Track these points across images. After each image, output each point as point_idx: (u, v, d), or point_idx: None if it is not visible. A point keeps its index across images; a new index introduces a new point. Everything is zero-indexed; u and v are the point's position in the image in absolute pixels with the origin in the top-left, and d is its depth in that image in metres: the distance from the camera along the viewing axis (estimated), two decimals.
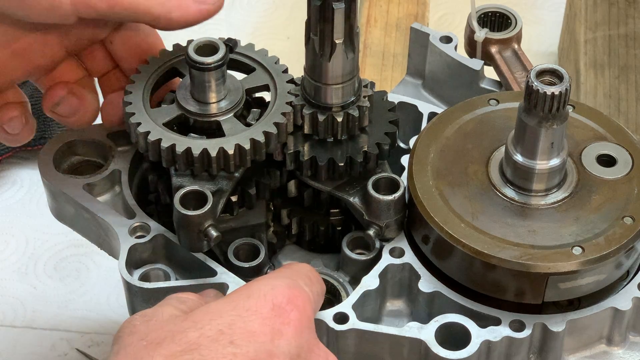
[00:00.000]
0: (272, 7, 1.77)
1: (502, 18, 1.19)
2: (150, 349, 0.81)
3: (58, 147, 1.10)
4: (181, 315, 0.85)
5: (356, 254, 1.02)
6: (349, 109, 1.02)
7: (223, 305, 0.84)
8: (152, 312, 0.86)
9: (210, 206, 0.97)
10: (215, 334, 0.81)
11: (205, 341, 0.81)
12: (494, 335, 0.95)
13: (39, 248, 1.44)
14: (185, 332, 0.82)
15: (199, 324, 0.82)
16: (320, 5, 0.95)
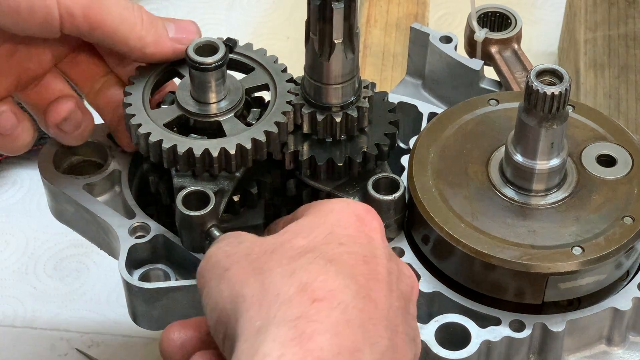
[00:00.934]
0: (272, 7, 1.77)
1: (502, 18, 1.19)
2: (264, 259, 0.82)
3: (58, 147, 1.10)
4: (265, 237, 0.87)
5: None
6: (348, 110, 1.02)
7: (311, 220, 0.87)
8: (233, 239, 0.88)
9: (213, 206, 0.97)
10: (323, 239, 0.83)
11: (317, 244, 0.83)
12: (494, 335, 0.95)
13: (39, 248, 1.44)
14: (291, 241, 0.84)
15: (302, 234, 0.84)
16: (319, 5, 0.95)
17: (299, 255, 0.82)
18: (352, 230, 0.85)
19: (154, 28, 1.01)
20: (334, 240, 0.84)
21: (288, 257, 0.82)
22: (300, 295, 0.78)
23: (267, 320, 0.77)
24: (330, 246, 0.83)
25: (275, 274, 0.81)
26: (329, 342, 0.76)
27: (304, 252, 0.82)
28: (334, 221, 0.86)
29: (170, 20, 1.03)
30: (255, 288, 0.80)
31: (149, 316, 1.03)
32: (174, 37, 1.02)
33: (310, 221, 0.86)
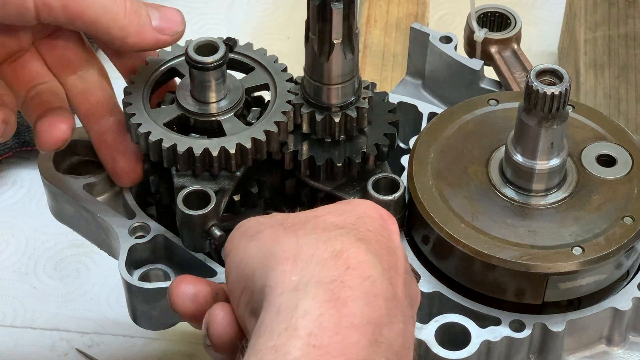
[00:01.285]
0: (272, 7, 1.77)
1: (502, 18, 1.19)
2: (298, 226, 0.84)
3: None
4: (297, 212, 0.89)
5: None
6: (348, 110, 1.02)
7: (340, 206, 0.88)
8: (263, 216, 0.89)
9: (214, 206, 0.97)
10: (353, 221, 0.85)
11: (348, 224, 0.84)
12: (494, 335, 0.95)
13: (39, 248, 1.44)
14: (324, 217, 0.85)
15: (334, 213, 0.86)
16: (319, 5, 0.95)
17: (333, 228, 0.83)
18: (377, 224, 0.86)
19: (137, 17, 0.99)
20: (363, 225, 0.85)
21: (321, 228, 0.83)
22: (335, 259, 0.80)
23: (305, 278, 0.78)
24: (360, 229, 0.84)
25: (310, 238, 0.82)
26: (361, 310, 0.77)
27: (336, 227, 0.84)
28: (361, 213, 0.87)
29: (155, 6, 1.01)
30: (288, 245, 0.82)
31: (149, 316, 1.03)
32: (157, 26, 1.00)
33: (339, 206, 0.88)
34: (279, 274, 0.80)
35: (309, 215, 0.86)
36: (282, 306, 0.77)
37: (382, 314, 0.79)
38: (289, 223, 0.85)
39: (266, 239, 0.84)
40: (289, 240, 0.82)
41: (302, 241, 0.82)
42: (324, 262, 0.80)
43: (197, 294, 0.89)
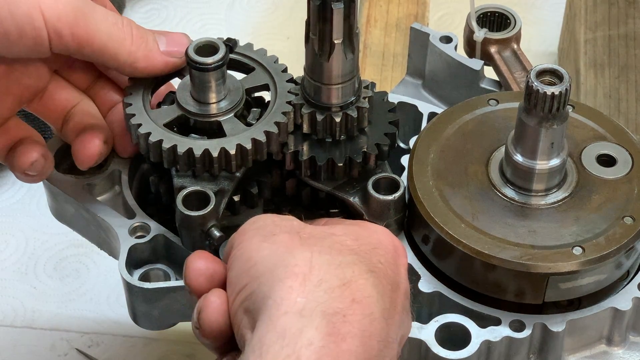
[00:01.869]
0: (272, 7, 1.77)
1: (502, 18, 1.19)
2: (314, 241, 0.86)
3: (58, 147, 1.10)
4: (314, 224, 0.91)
5: None
6: (348, 110, 1.02)
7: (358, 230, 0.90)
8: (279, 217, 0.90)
9: (213, 206, 0.97)
10: (367, 250, 0.87)
11: (362, 252, 0.86)
12: (494, 335, 0.95)
13: (39, 248, 1.44)
14: (340, 237, 0.87)
15: (351, 236, 0.88)
16: (319, 5, 0.95)
17: (347, 253, 0.85)
18: (389, 255, 0.89)
19: (144, 42, 1.01)
20: (376, 257, 0.87)
21: (337, 249, 0.85)
22: (342, 289, 0.82)
23: (311, 304, 0.80)
24: (373, 260, 0.86)
25: (323, 258, 0.84)
26: (356, 349, 0.80)
27: (351, 252, 0.86)
28: (376, 241, 0.89)
29: (161, 33, 1.03)
30: (300, 259, 0.83)
31: (149, 316, 1.03)
32: (165, 50, 1.02)
33: (358, 229, 0.90)
34: (286, 289, 0.81)
35: (326, 232, 0.87)
36: (286, 330, 0.79)
37: (373, 355, 0.81)
38: (305, 234, 0.86)
39: (280, 245, 0.85)
40: (302, 255, 0.84)
41: (316, 260, 0.83)
42: (332, 290, 0.82)
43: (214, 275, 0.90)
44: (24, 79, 1.02)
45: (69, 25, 0.96)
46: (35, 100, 1.05)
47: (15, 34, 0.94)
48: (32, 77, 1.03)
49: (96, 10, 0.98)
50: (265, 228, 0.88)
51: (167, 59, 1.02)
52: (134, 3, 1.76)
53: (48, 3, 0.94)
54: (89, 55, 0.99)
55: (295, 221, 0.89)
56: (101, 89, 1.07)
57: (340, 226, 0.90)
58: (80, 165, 1.05)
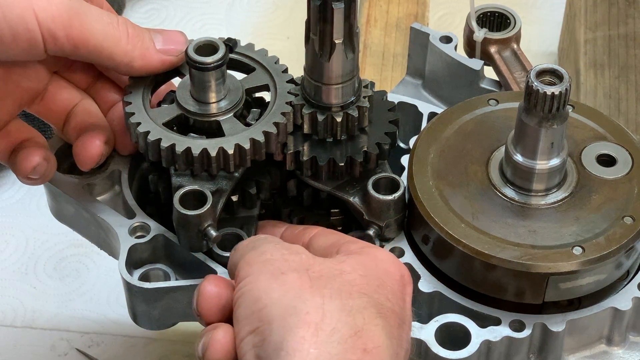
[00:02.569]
0: (272, 7, 1.77)
1: (501, 18, 1.19)
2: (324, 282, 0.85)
3: (58, 147, 1.10)
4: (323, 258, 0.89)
5: None
6: (349, 109, 1.02)
7: (365, 260, 0.89)
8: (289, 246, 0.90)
9: (210, 206, 0.97)
10: (375, 287, 0.87)
11: (370, 290, 0.86)
12: (494, 335, 0.95)
13: (39, 248, 1.44)
14: (350, 274, 0.87)
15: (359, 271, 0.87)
16: (319, 5, 0.95)
17: (357, 295, 0.85)
18: (396, 287, 0.89)
19: (140, 41, 1.00)
20: (383, 293, 0.87)
21: (347, 291, 0.85)
22: (355, 340, 0.82)
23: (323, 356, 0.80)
24: (381, 297, 0.86)
25: (334, 305, 0.83)
26: None
27: (361, 293, 0.85)
28: (384, 271, 0.89)
29: (158, 31, 1.03)
30: (312, 307, 0.83)
31: (149, 316, 1.03)
32: (161, 48, 1.02)
33: (365, 261, 0.89)
34: (298, 339, 0.81)
35: (335, 270, 0.87)
36: None
37: None
38: (315, 273, 0.86)
39: (290, 287, 0.84)
40: (314, 301, 0.83)
41: (327, 307, 0.83)
42: (344, 341, 0.81)
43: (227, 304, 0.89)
44: (22, 81, 1.02)
45: (64, 26, 0.95)
46: (35, 101, 1.05)
47: (9, 36, 0.94)
48: (31, 79, 1.03)
49: (91, 10, 0.97)
50: (274, 263, 0.87)
51: (163, 57, 1.02)
52: (133, 3, 1.76)
53: (41, 5, 0.94)
54: (85, 55, 0.99)
55: (303, 254, 0.88)
56: (101, 88, 1.07)
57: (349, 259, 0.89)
58: (81, 166, 1.05)
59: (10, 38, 0.94)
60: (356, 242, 0.93)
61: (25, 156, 1.03)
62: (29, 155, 1.03)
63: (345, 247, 0.92)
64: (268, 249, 0.89)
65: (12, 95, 1.02)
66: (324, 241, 0.95)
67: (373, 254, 0.90)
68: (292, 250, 0.89)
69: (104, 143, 1.04)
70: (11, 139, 1.04)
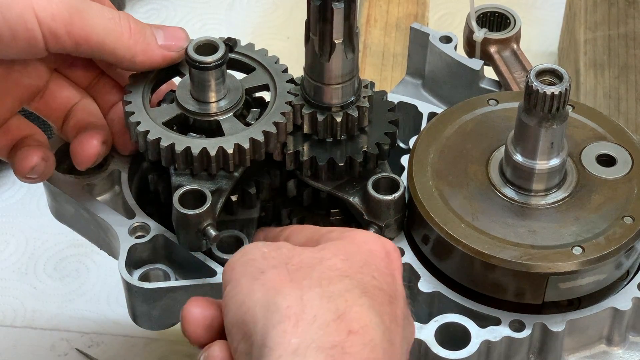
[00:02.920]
0: (272, 7, 1.77)
1: (501, 18, 1.19)
2: (303, 273, 0.84)
3: (58, 147, 1.10)
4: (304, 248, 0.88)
5: None
6: (349, 109, 1.02)
7: (347, 244, 0.88)
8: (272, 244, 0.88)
9: (209, 205, 0.97)
10: (358, 268, 0.85)
11: (353, 272, 0.85)
12: (493, 335, 0.95)
13: (39, 248, 1.44)
14: (330, 260, 0.85)
15: (340, 255, 0.86)
16: (319, 5, 0.95)
17: (338, 279, 0.84)
18: (382, 265, 0.87)
19: (142, 36, 1.00)
20: (368, 272, 0.85)
21: (327, 277, 0.84)
22: (338, 322, 0.80)
23: (305, 342, 0.79)
24: (365, 277, 0.85)
25: (314, 293, 0.82)
26: None
27: (342, 276, 0.84)
28: (367, 251, 0.88)
29: (159, 27, 1.02)
30: (291, 300, 0.81)
31: (149, 316, 1.03)
32: (163, 44, 1.02)
33: (346, 245, 0.88)
34: (280, 333, 0.79)
35: (315, 259, 0.86)
36: None
37: None
38: (294, 265, 0.85)
39: (270, 284, 0.83)
40: (293, 294, 0.82)
41: (306, 297, 0.82)
42: (326, 325, 0.80)
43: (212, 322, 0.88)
44: (23, 79, 1.02)
45: (64, 24, 0.95)
46: (35, 99, 1.05)
47: (8, 36, 0.94)
48: (31, 76, 1.03)
49: (91, 6, 0.97)
50: (254, 263, 0.86)
51: (165, 52, 1.02)
52: (133, 3, 1.76)
53: (41, 3, 0.94)
54: (87, 52, 0.99)
55: (284, 248, 0.87)
56: (102, 88, 1.07)
57: (331, 244, 0.88)
58: (78, 166, 1.05)
59: (10, 38, 0.94)
60: (335, 230, 0.92)
61: (23, 156, 1.03)
62: (28, 155, 1.03)
63: (325, 237, 0.91)
64: (249, 249, 0.88)
65: (13, 92, 1.02)
66: (302, 236, 0.94)
67: (353, 237, 0.89)
68: (273, 246, 0.88)
69: (101, 143, 1.04)
70: (11, 136, 1.04)
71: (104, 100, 1.07)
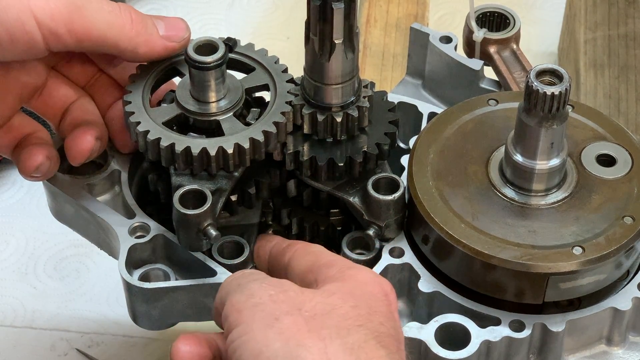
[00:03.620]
0: (272, 7, 1.77)
1: (501, 18, 1.19)
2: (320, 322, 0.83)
3: (58, 147, 1.10)
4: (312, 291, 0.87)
5: (356, 254, 1.02)
6: (349, 109, 1.02)
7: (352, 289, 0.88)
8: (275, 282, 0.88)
9: (210, 205, 0.97)
10: (367, 314, 0.86)
11: (365, 321, 0.85)
12: (493, 335, 0.95)
13: (39, 248, 1.44)
14: (342, 307, 0.85)
15: (349, 302, 0.86)
16: (319, 5, 0.95)
17: (355, 330, 0.84)
18: (384, 309, 0.88)
19: (143, 27, 1.00)
20: (376, 319, 0.86)
21: (345, 327, 0.84)
22: None
23: None
24: (375, 325, 0.85)
25: (336, 345, 0.82)
26: None
27: (357, 326, 0.84)
28: (369, 295, 0.88)
29: (159, 18, 1.02)
30: (315, 353, 0.81)
31: (149, 316, 1.03)
32: (164, 34, 1.02)
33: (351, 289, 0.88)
34: None
35: (327, 305, 0.85)
36: None
37: None
38: (308, 312, 0.84)
39: (289, 334, 0.82)
40: (316, 347, 0.81)
41: (330, 349, 0.81)
42: None
43: None
44: (22, 76, 1.02)
45: (64, 22, 0.95)
46: (34, 97, 1.05)
47: (7, 40, 0.94)
48: (30, 74, 1.03)
49: (90, 1, 0.97)
50: (265, 308, 0.84)
51: (167, 43, 1.02)
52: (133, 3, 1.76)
53: (39, 4, 0.94)
54: (89, 47, 0.99)
55: (291, 290, 0.86)
56: (101, 86, 1.07)
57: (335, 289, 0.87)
58: (72, 161, 1.04)
59: (8, 41, 0.94)
60: (332, 265, 0.91)
61: (28, 155, 1.03)
62: (32, 154, 1.03)
63: (323, 274, 0.90)
64: (254, 290, 0.87)
65: (13, 91, 1.02)
66: (302, 264, 0.93)
67: (355, 278, 0.89)
68: (278, 288, 0.86)
69: (95, 138, 1.03)
70: (14, 134, 1.04)
71: (103, 99, 1.07)
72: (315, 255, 0.94)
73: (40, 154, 1.03)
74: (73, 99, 1.06)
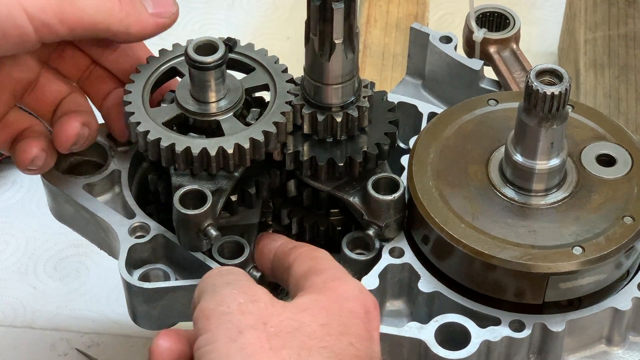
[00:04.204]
0: (272, 7, 1.77)
1: (501, 18, 1.19)
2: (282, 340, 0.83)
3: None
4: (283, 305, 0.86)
5: (356, 254, 1.02)
6: (349, 109, 1.02)
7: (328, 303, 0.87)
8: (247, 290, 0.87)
9: (210, 205, 0.97)
10: (337, 333, 0.85)
11: (332, 340, 0.84)
12: (493, 335, 0.95)
13: (39, 248, 1.44)
14: (310, 326, 0.84)
15: (319, 319, 0.85)
16: (319, 5, 0.95)
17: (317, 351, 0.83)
18: (360, 328, 0.86)
19: (132, 7, 1.00)
20: (346, 339, 0.85)
21: (307, 347, 0.83)
22: None
23: None
24: (343, 345, 0.84)
25: None
26: None
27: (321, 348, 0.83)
28: (347, 312, 0.87)
29: None
30: None
31: (149, 316, 1.03)
32: (153, 12, 1.02)
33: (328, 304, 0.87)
34: None
35: (294, 322, 0.84)
36: None
37: None
38: (273, 327, 0.83)
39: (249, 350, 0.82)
40: None
41: None
42: None
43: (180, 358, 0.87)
44: (14, 72, 1.02)
45: (55, 13, 0.95)
46: (27, 93, 1.05)
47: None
48: (22, 69, 1.03)
49: None
50: (231, 318, 0.84)
51: (157, 20, 1.02)
52: None
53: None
54: (82, 34, 0.99)
55: (261, 301, 0.85)
56: (95, 79, 1.07)
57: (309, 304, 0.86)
58: (59, 148, 1.04)
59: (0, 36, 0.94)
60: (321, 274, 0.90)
61: (23, 148, 1.03)
62: (27, 147, 1.03)
63: (309, 282, 0.90)
64: (225, 296, 0.86)
65: (6, 87, 1.02)
66: (302, 268, 0.93)
67: (336, 292, 0.88)
68: (249, 296, 0.86)
69: (81, 124, 1.03)
70: (10, 130, 1.04)
71: (98, 90, 1.07)
72: (315, 261, 0.94)
73: (35, 146, 1.03)
74: (65, 94, 1.06)
